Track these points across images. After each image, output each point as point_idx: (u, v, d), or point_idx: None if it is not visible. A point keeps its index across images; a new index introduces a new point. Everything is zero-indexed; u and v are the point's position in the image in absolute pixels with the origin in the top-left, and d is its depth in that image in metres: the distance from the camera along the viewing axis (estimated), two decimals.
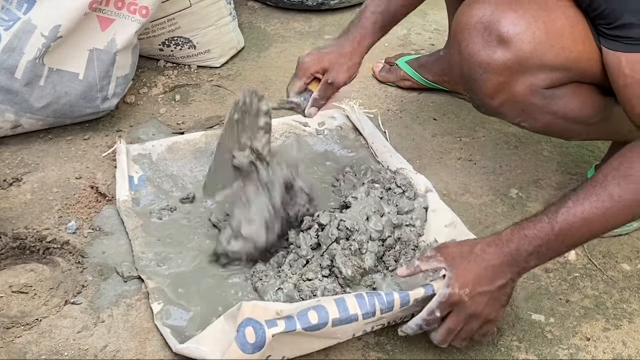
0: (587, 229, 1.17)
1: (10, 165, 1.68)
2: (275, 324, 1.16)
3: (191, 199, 1.57)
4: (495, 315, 1.22)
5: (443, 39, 2.19)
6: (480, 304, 1.19)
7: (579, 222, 1.16)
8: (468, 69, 1.32)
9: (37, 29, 1.62)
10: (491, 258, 1.18)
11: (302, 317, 1.18)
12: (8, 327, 1.29)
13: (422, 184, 1.56)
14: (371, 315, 1.21)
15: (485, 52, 1.28)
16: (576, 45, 1.28)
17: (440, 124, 1.88)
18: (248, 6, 2.42)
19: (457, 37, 1.33)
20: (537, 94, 1.32)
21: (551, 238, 1.17)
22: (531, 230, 1.17)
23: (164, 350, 1.27)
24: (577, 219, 1.16)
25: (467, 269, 1.19)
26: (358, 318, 1.20)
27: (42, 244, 1.45)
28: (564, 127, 1.41)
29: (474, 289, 1.18)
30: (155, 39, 2.00)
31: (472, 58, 1.30)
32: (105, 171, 1.66)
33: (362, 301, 1.21)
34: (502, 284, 1.19)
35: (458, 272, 1.19)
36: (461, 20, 1.32)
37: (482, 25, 1.28)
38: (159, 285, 1.36)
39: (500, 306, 1.22)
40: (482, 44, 1.28)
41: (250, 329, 1.16)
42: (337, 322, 1.19)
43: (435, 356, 1.29)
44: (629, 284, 1.45)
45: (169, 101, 1.93)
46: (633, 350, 1.32)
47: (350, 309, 1.20)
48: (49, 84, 1.68)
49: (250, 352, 1.15)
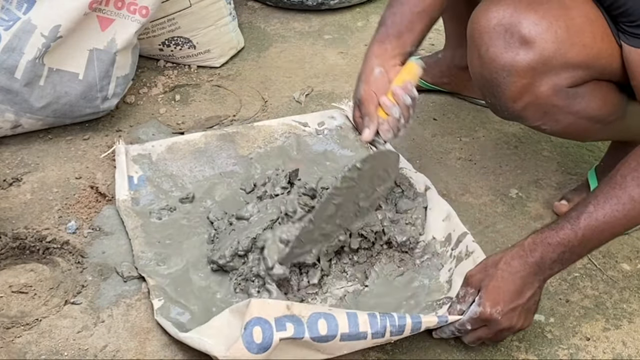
0: (609, 232, 1.18)
1: (10, 165, 1.68)
2: (284, 327, 1.15)
3: (191, 199, 1.57)
4: (528, 323, 1.25)
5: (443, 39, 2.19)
6: (513, 319, 1.22)
7: (602, 225, 1.16)
8: (490, 73, 1.30)
9: (37, 29, 1.62)
10: (517, 271, 1.19)
11: (312, 325, 1.17)
12: (8, 327, 1.29)
13: (421, 182, 1.56)
14: (380, 336, 1.20)
15: (509, 54, 1.26)
16: (596, 43, 1.28)
17: (440, 124, 1.88)
18: (248, 6, 2.41)
19: (476, 42, 1.31)
20: (560, 93, 1.31)
21: (574, 244, 1.17)
22: (554, 238, 1.18)
23: (164, 350, 1.27)
24: (600, 223, 1.16)
25: (495, 287, 1.20)
26: (367, 337, 1.19)
27: (42, 244, 1.45)
28: (585, 127, 1.40)
29: (505, 306, 1.20)
30: (155, 39, 2.00)
31: (494, 62, 1.28)
32: (105, 171, 1.66)
33: (374, 320, 1.20)
34: (531, 295, 1.21)
35: (487, 291, 1.20)
36: (479, 24, 1.30)
37: (502, 27, 1.26)
38: (159, 284, 1.36)
39: (530, 315, 1.25)
40: (504, 46, 1.26)
41: (258, 328, 1.15)
42: (345, 337, 1.18)
43: (435, 356, 1.29)
44: (629, 284, 1.45)
45: (169, 101, 1.93)
46: (633, 350, 1.32)
47: (361, 325, 1.19)
48: (49, 84, 1.68)
49: (255, 352, 1.14)
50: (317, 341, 1.17)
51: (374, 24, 2.28)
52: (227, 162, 1.68)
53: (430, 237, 1.46)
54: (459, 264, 1.39)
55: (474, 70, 1.35)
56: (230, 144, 1.72)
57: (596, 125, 1.41)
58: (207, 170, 1.65)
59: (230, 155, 1.69)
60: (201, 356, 1.26)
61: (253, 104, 1.94)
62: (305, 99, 1.96)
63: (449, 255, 1.43)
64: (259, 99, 1.96)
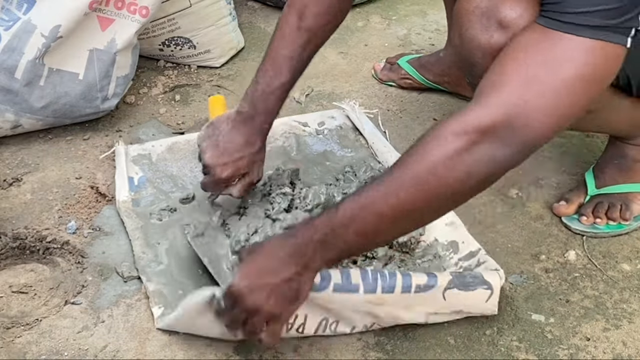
0: (372, 212, 1.07)
1: (10, 165, 1.68)
2: None
3: (191, 199, 1.57)
4: (279, 311, 1.13)
5: (443, 39, 2.19)
6: (260, 297, 1.11)
7: (361, 205, 1.08)
8: (468, 52, 1.31)
9: (37, 29, 1.62)
10: (276, 250, 1.12)
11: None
12: (8, 327, 1.29)
13: None
14: (372, 291, 1.21)
15: (484, 36, 1.27)
16: None
17: None
18: (248, 6, 2.41)
19: (457, 22, 1.33)
20: None
21: (335, 224, 1.08)
22: (317, 220, 1.11)
23: (164, 350, 1.27)
24: (359, 203, 1.08)
25: (252, 262, 1.13)
26: (359, 289, 1.21)
27: (42, 244, 1.45)
28: None
29: (254, 281, 1.11)
30: (155, 39, 2.00)
31: (471, 42, 1.29)
32: (105, 171, 1.66)
33: (365, 274, 1.22)
34: (287, 277, 1.11)
35: (242, 265, 1.14)
36: (462, 6, 1.32)
37: (481, 10, 1.27)
38: (159, 287, 1.36)
39: (286, 302, 1.13)
40: (481, 28, 1.27)
41: None
42: (337, 288, 1.19)
43: (435, 356, 1.29)
44: (629, 284, 1.45)
45: (169, 101, 1.93)
46: (633, 350, 1.32)
47: (353, 278, 1.21)
48: (49, 84, 1.68)
49: None
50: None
51: (374, 24, 2.29)
52: None
53: (432, 239, 1.46)
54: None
55: (455, 50, 1.36)
56: None
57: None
58: None
59: None
60: (201, 356, 1.26)
61: None
62: (305, 99, 1.96)
63: (453, 262, 1.42)
64: None
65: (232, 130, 1.42)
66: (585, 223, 1.53)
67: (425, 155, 1.06)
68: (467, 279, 1.29)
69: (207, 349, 1.27)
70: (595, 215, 1.54)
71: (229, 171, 1.40)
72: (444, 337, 1.32)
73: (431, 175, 1.05)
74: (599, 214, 1.53)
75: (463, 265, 1.40)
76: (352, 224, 1.08)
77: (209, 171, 1.42)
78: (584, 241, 1.53)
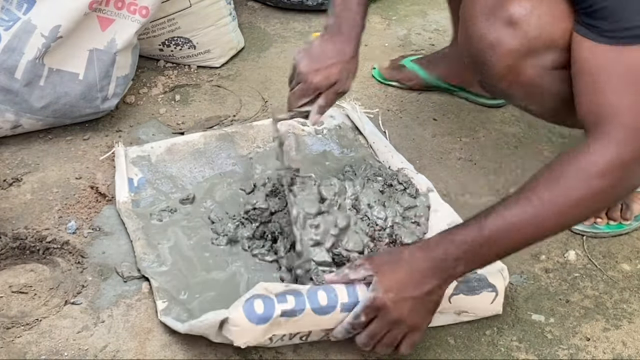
0: (517, 234, 1.14)
1: (10, 165, 1.68)
2: (285, 300, 1.17)
3: (191, 200, 1.57)
4: (420, 322, 1.18)
5: (443, 39, 2.19)
6: (404, 310, 1.15)
7: (508, 226, 1.13)
8: (477, 51, 1.32)
9: (37, 29, 1.62)
10: (418, 263, 1.16)
11: (312, 296, 1.18)
12: (8, 327, 1.29)
13: (423, 184, 1.56)
14: None
15: (493, 35, 1.28)
16: None
17: (440, 124, 1.88)
18: (248, 6, 2.42)
19: (465, 21, 1.33)
20: (544, 75, 1.31)
21: (479, 243, 1.13)
22: (459, 236, 1.15)
23: (164, 350, 1.27)
24: (506, 224, 1.13)
25: (392, 274, 1.16)
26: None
27: (42, 244, 1.45)
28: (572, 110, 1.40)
29: (398, 294, 1.15)
30: (155, 39, 2.00)
31: (480, 41, 1.30)
32: (105, 171, 1.66)
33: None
34: (428, 290, 1.15)
35: (384, 277, 1.16)
36: (469, 5, 1.33)
37: (488, 8, 1.28)
38: (162, 285, 1.36)
39: (426, 313, 1.19)
40: (489, 27, 1.28)
41: (259, 300, 1.16)
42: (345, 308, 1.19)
43: (435, 356, 1.29)
44: (629, 284, 1.45)
45: (169, 101, 1.93)
46: (633, 350, 1.32)
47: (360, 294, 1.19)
48: (49, 84, 1.68)
49: (255, 322, 1.15)
50: (319, 313, 1.18)
51: (374, 24, 2.29)
52: (227, 162, 1.68)
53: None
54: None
55: (463, 48, 1.37)
56: (229, 144, 1.72)
57: None
58: (207, 170, 1.65)
59: (230, 155, 1.69)
60: (201, 356, 1.26)
61: (253, 104, 1.94)
62: None
63: None
64: (259, 99, 1.96)
65: (323, 42, 1.46)
66: (585, 223, 1.53)
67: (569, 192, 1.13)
68: (472, 283, 1.29)
69: (207, 349, 1.27)
70: (596, 215, 1.53)
71: (320, 77, 1.43)
72: (444, 337, 1.32)
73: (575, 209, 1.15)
74: (599, 214, 1.53)
75: None
76: (496, 244, 1.15)
77: (301, 79, 1.44)
78: (584, 241, 1.53)
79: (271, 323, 1.16)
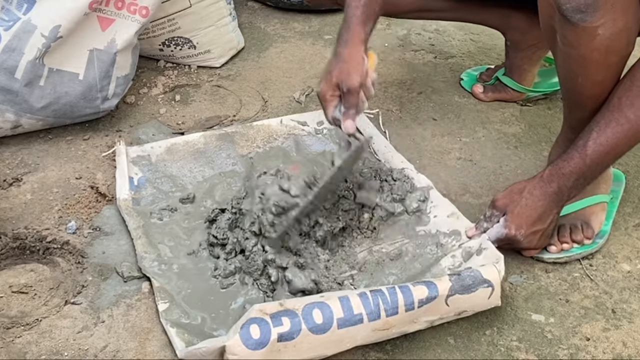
0: (613, 154, 1.35)
1: (10, 165, 1.68)
2: (280, 322, 1.16)
3: (191, 199, 1.57)
4: (543, 244, 1.44)
5: (443, 39, 2.19)
6: (533, 241, 1.42)
7: (606, 149, 1.33)
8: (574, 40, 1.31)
9: (37, 29, 1.62)
10: (539, 200, 1.38)
11: (307, 315, 1.18)
12: (8, 327, 1.29)
13: (423, 183, 1.56)
14: (376, 316, 1.21)
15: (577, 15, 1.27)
16: None
17: (440, 124, 1.88)
18: (248, 6, 2.42)
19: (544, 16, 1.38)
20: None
21: (585, 170, 1.35)
22: (567, 168, 1.36)
23: (164, 350, 1.27)
24: (604, 147, 1.32)
25: (520, 212, 1.39)
26: (363, 319, 1.20)
27: (42, 244, 1.45)
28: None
29: (528, 229, 1.39)
30: (155, 39, 2.00)
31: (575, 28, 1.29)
32: (105, 171, 1.66)
33: (366, 300, 1.21)
34: (550, 220, 1.41)
35: (512, 216, 1.39)
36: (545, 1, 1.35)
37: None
38: (163, 285, 1.36)
39: (549, 237, 1.44)
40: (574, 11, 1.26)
41: (255, 325, 1.15)
42: (342, 323, 1.19)
43: (435, 356, 1.29)
44: (629, 284, 1.45)
45: (169, 101, 1.93)
46: (633, 350, 1.32)
47: (355, 308, 1.20)
48: (49, 84, 1.68)
49: (252, 348, 1.14)
50: (316, 332, 1.17)
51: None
52: (227, 162, 1.68)
53: (435, 231, 1.47)
54: (469, 258, 1.39)
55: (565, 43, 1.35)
56: (229, 143, 1.72)
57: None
58: (207, 170, 1.65)
59: (230, 155, 1.69)
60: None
61: (253, 104, 1.94)
62: (305, 99, 1.96)
63: (457, 246, 1.43)
64: (259, 99, 1.96)
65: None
66: (554, 252, 1.47)
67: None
68: (467, 281, 1.28)
69: None
70: (562, 241, 1.48)
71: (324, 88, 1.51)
72: (444, 337, 1.32)
73: None
74: (565, 239, 1.48)
75: (464, 246, 1.42)
76: (598, 167, 1.37)
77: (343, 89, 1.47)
78: None
79: (270, 349, 1.15)
